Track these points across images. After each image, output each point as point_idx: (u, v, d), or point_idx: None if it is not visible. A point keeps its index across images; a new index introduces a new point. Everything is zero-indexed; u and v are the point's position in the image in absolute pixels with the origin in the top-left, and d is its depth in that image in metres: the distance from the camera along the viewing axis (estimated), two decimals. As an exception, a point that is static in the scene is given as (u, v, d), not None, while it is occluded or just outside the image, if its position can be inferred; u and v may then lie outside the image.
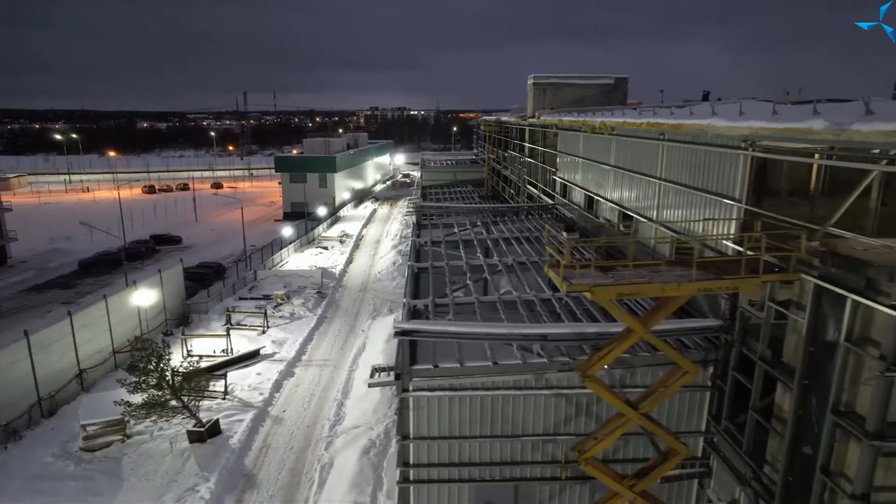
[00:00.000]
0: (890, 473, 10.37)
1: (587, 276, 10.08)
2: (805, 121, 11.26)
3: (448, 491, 15.54)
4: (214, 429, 22.88)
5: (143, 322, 32.42)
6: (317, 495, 19.80)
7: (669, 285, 10.05)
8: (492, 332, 14.40)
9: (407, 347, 14.53)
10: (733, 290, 10.67)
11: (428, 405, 14.82)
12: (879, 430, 9.86)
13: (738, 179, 14.01)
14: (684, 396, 14.92)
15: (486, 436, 15.00)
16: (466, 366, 14.59)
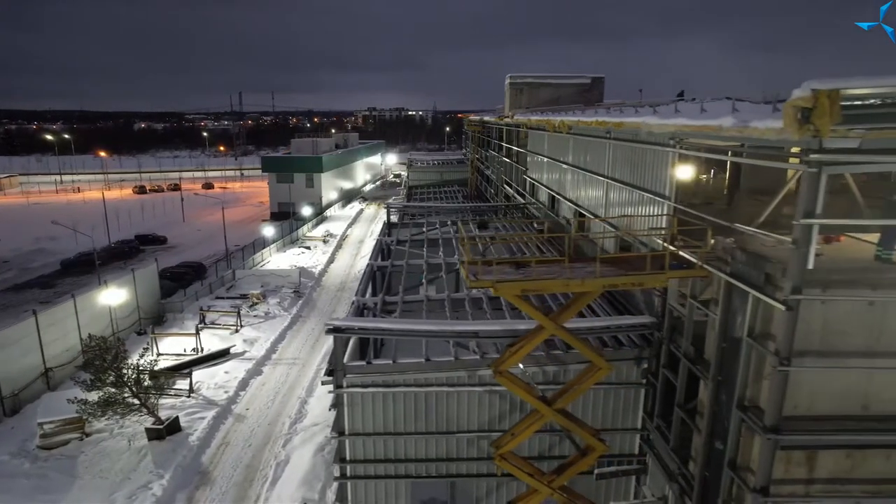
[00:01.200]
0: (791, 467, 10.46)
1: (490, 273, 10.18)
2: (718, 118, 11.40)
3: (385, 487, 15.63)
4: (174, 426, 22.98)
5: (116, 321, 32.54)
6: (269, 492, 19.91)
7: (574, 281, 10.14)
8: (423, 328, 14.50)
9: (339, 344, 14.62)
10: (639, 286, 10.77)
11: (362, 402, 14.92)
12: (776, 424, 9.95)
13: (667, 177, 14.10)
14: (619, 394, 15.01)
15: (422, 432, 15.10)
16: (399, 362, 14.69)
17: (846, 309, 9.72)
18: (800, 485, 10.56)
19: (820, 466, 10.48)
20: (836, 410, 10.21)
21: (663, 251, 10.47)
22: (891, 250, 10.09)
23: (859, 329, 9.82)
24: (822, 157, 8.75)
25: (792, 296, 9.36)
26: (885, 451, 10.37)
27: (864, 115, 8.61)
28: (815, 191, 9.03)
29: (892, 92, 8.61)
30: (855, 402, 10.18)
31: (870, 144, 8.64)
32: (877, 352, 9.90)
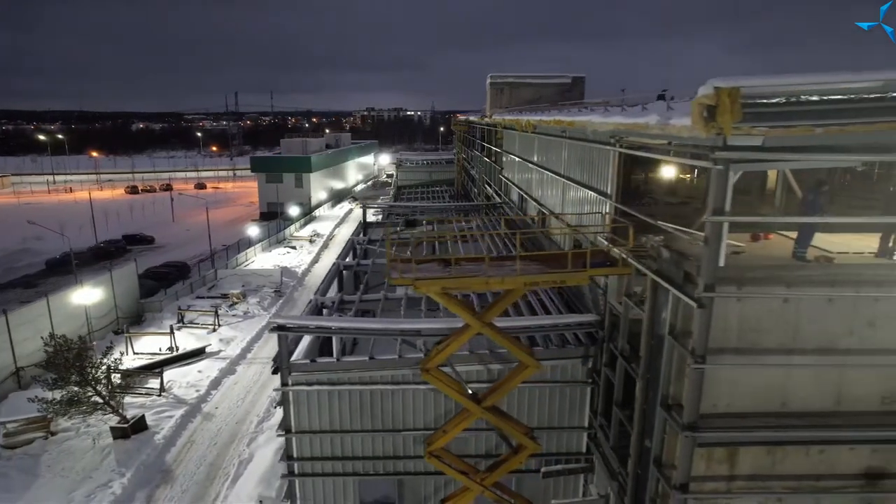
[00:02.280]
0: (712, 464, 10.48)
1: (409, 270, 10.22)
2: (645, 117, 11.45)
3: (333, 484, 15.66)
4: (140, 425, 23.04)
5: (92, 321, 32.62)
6: (229, 489, 19.98)
7: (494, 279, 10.18)
8: (367, 327, 14.54)
9: (284, 342, 14.65)
10: (561, 283, 10.79)
11: (308, 399, 14.95)
12: (693, 421, 9.98)
13: (610, 176, 14.13)
14: (565, 392, 15.04)
15: (368, 430, 15.12)
16: (344, 360, 14.74)
17: (763, 306, 9.74)
18: (721, 481, 10.58)
19: (741, 463, 10.50)
20: (755, 407, 10.23)
21: (584, 249, 10.49)
22: (805, 248, 10.12)
23: (776, 326, 9.84)
24: (727, 155, 8.77)
25: (704, 293, 9.38)
26: (804, 448, 10.39)
27: (768, 113, 8.64)
28: (723, 188, 9.06)
29: (792, 90, 8.67)
30: (774, 399, 10.20)
31: (773, 142, 8.68)
32: (793, 349, 9.92)
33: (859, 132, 8.66)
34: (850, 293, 9.64)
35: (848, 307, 9.76)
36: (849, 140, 8.80)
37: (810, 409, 10.24)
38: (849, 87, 8.73)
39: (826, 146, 9.05)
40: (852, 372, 10.06)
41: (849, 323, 9.83)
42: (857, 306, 9.76)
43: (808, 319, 9.80)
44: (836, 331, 9.85)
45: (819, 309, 9.76)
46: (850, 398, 10.23)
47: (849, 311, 9.78)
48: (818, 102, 8.78)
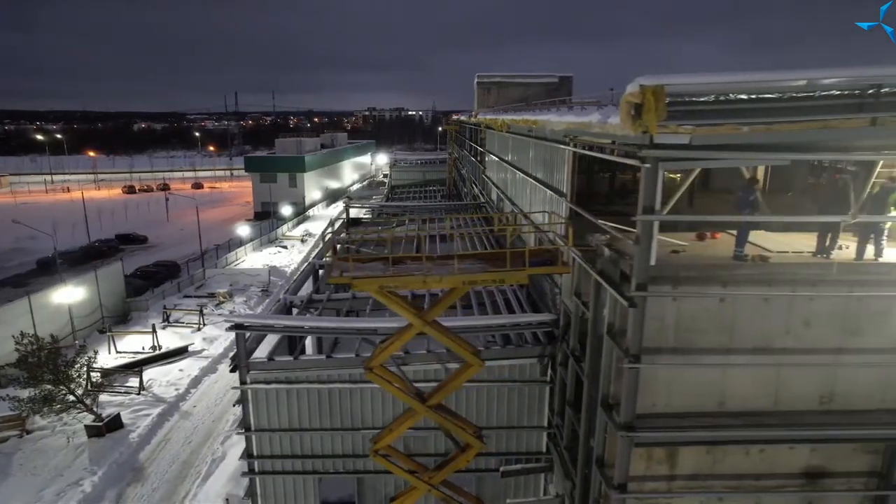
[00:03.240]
0: (652, 464, 10.47)
1: (346, 269, 10.23)
2: (589, 115, 11.45)
3: (293, 482, 15.69)
4: (115, 423, 23.13)
5: (77, 320, 32.76)
6: (199, 488, 20.05)
7: (431, 277, 10.19)
8: (323, 325, 14.57)
9: (242, 341, 14.67)
10: (501, 283, 10.79)
11: (266, 398, 14.98)
12: (629, 421, 9.95)
13: (566, 175, 14.11)
14: (524, 391, 15.03)
15: (327, 429, 15.14)
16: (301, 359, 14.78)
17: (699, 306, 9.72)
18: (662, 481, 10.57)
19: (681, 463, 10.49)
20: (694, 407, 10.21)
21: (522, 248, 10.48)
22: (742, 247, 10.10)
23: (713, 326, 9.82)
24: (654, 153, 8.75)
25: (636, 292, 9.36)
26: (743, 447, 10.38)
27: (695, 111, 8.63)
28: (653, 187, 9.05)
29: (719, 89, 8.67)
30: (712, 398, 10.18)
31: (701, 140, 8.65)
32: (731, 348, 9.90)
33: (785, 131, 8.65)
34: (786, 292, 9.63)
35: (784, 307, 9.74)
36: (777, 138, 8.78)
37: (749, 409, 10.21)
38: (775, 85, 8.75)
39: (759, 145, 9.04)
40: (790, 371, 10.04)
41: (785, 322, 9.81)
42: (792, 306, 9.75)
43: (745, 319, 9.78)
44: (773, 330, 9.84)
45: (755, 308, 9.74)
46: (788, 398, 10.20)
47: (785, 311, 9.77)
48: (745, 101, 8.82)
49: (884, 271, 9.79)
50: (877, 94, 8.60)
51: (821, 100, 8.85)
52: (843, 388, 10.18)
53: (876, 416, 10.23)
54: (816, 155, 10.09)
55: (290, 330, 14.61)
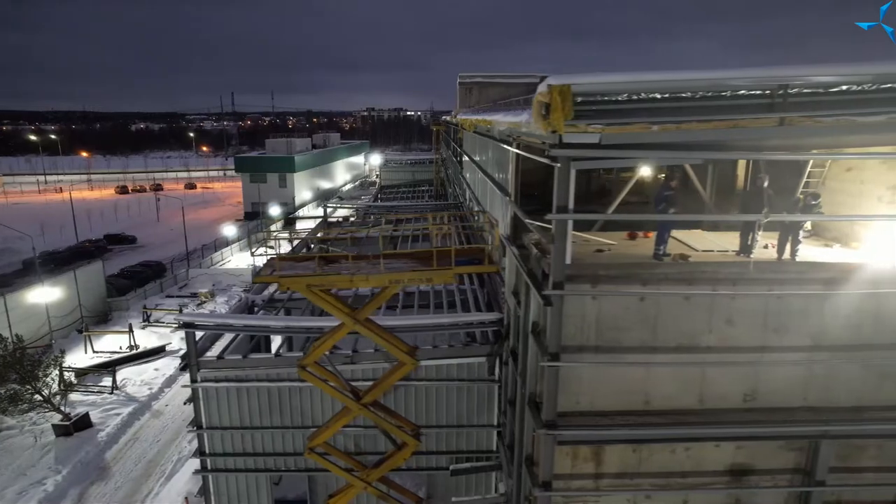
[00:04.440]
0: (579, 462, 10.53)
1: (272, 268, 10.31)
2: (520, 115, 11.52)
3: (246, 480, 15.75)
4: (84, 422, 23.22)
5: (56, 319, 32.84)
6: (162, 486, 20.13)
7: (358, 277, 10.26)
8: (272, 324, 14.67)
9: (192, 339, 14.75)
10: (428, 281, 10.85)
11: (217, 395, 15.05)
12: (551, 419, 10.01)
13: (510, 175, 14.17)
14: (473, 390, 15.07)
15: (277, 427, 15.19)
16: (251, 358, 14.84)
17: (620, 304, 9.78)
18: (589, 479, 10.62)
19: (608, 461, 10.54)
20: (619, 406, 10.26)
21: (449, 248, 10.55)
22: (660, 246, 10.17)
23: (635, 324, 9.87)
24: (563, 153, 8.81)
25: (553, 291, 9.42)
26: (669, 445, 10.42)
27: (604, 110, 8.69)
28: (565, 185, 9.11)
29: (629, 88, 8.71)
30: (637, 397, 10.23)
31: (611, 139, 8.70)
32: (654, 347, 9.95)
33: (696, 130, 8.72)
34: (706, 291, 9.68)
35: (706, 305, 9.80)
36: (689, 137, 8.84)
37: (674, 408, 10.27)
38: (684, 85, 8.80)
39: (673, 143, 9.11)
40: (713, 370, 10.10)
41: (707, 321, 9.87)
42: (714, 304, 9.81)
43: (667, 317, 9.84)
44: (695, 329, 9.89)
45: (677, 307, 9.80)
46: (712, 396, 10.26)
47: (707, 310, 9.82)
48: (654, 100, 8.84)
49: (801, 270, 9.86)
50: (784, 95, 8.67)
51: (732, 99, 8.90)
52: (766, 386, 10.24)
53: (799, 413, 10.29)
54: (730, 155, 10.15)
55: (237, 328, 14.68)
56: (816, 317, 9.90)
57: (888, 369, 10.15)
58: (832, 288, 9.71)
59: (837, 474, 10.60)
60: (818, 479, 10.47)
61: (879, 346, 9.99)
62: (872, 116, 8.68)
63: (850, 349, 10.05)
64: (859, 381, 10.24)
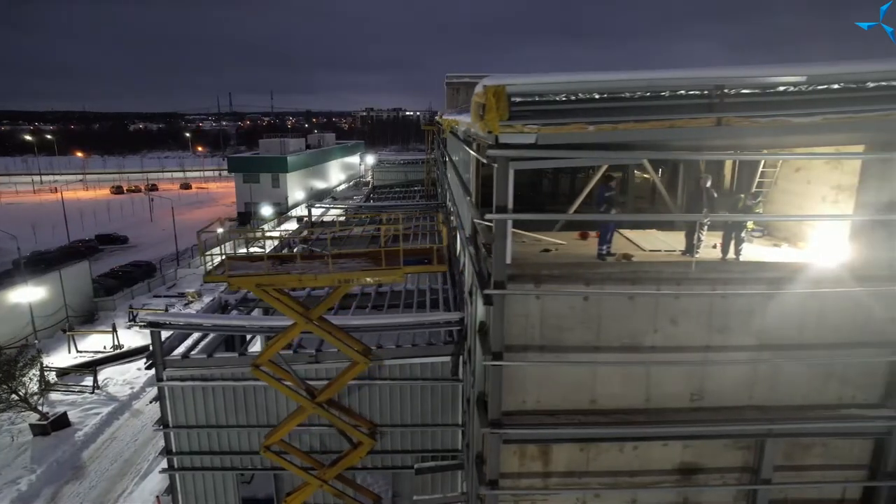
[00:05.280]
0: (526, 461, 10.58)
1: (222, 268, 10.38)
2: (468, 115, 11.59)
3: (213, 478, 15.81)
4: (61, 422, 23.29)
5: (41, 319, 32.91)
6: (136, 485, 20.20)
7: (306, 276, 10.32)
8: (234, 324, 14.73)
9: (157, 338, 14.82)
10: (377, 281, 10.92)
11: (183, 394, 15.12)
12: (496, 418, 10.07)
13: (471, 176, 14.23)
14: (437, 389, 15.14)
15: (243, 425, 15.26)
16: (215, 357, 14.93)
17: (564, 304, 9.84)
18: (537, 478, 10.67)
19: (555, 460, 10.59)
20: (566, 405, 10.32)
21: (396, 248, 10.61)
22: (603, 246, 10.22)
23: (579, 324, 9.93)
24: (500, 153, 8.86)
25: (494, 291, 9.48)
26: (617, 445, 10.48)
27: (540, 111, 8.74)
28: (504, 185, 9.17)
29: (565, 88, 8.76)
30: (583, 396, 10.29)
31: (548, 139, 8.77)
32: (598, 346, 10.01)
33: (633, 130, 8.78)
34: (650, 291, 9.74)
35: (650, 305, 9.86)
36: (627, 137, 8.90)
37: (620, 407, 10.32)
38: (623, 85, 8.85)
39: (612, 144, 9.17)
40: (659, 369, 10.15)
41: (651, 321, 9.93)
42: (658, 304, 9.86)
43: (611, 317, 9.89)
44: (640, 328, 9.95)
45: (621, 307, 9.85)
46: (659, 396, 10.31)
47: (651, 309, 9.88)
48: (593, 100, 8.88)
49: (745, 270, 9.92)
50: (721, 95, 8.73)
51: (671, 99, 8.94)
52: (712, 385, 10.29)
53: (745, 412, 10.35)
54: (668, 154, 10.21)
55: (201, 328, 14.76)
56: (761, 316, 9.97)
57: (832, 368, 10.23)
58: (776, 288, 9.78)
59: (783, 472, 10.67)
60: (764, 478, 10.54)
61: (823, 345, 10.06)
62: (808, 117, 8.74)
63: (795, 348, 10.12)
64: (804, 380, 10.31)
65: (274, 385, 12.08)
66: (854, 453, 10.67)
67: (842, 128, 8.82)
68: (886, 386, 10.29)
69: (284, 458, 12.98)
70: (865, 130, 9.00)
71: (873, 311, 9.80)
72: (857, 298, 9.76)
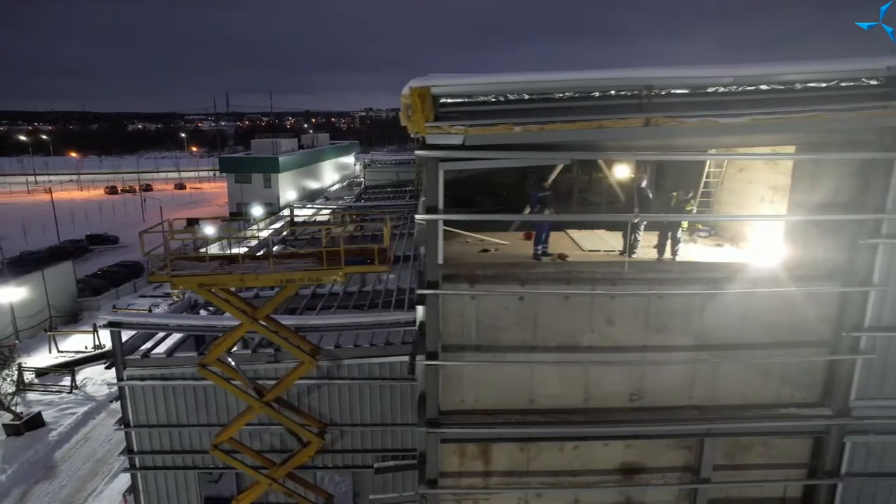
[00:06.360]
0: (467, 460, 10.64)
1: (165, 268, 10.44)
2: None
3: (175, 477, 15.83)
4: (35, 422, 23.33)
5: (23, 319, 32.95)
6: (107, 485, 20.24)
7: (248, 276, 10.37)
8: (196, 324, 14.77)
9: (117, 338, 14.86)
10: (317, 281, 10.96)
11: (144, 394, 15.14)
12: (434, 417, 10.13)
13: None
14: (396, 389, 15.16)
15: (204, 424, 15.27)
16: (176, 356, 14.95)
17: (500, 304, 9.88)
18: (478, 477, 10.73)
19: (496, 460, 10.65)
20: (504, 404, 10.38)
21: (338, 248, 10.65)
22: (538, 246, 10.26)
23: (515, 324, 9.98)
24: (428, 154, 8.91)
25: (427, 290, 9.53)
26: (557, 444, 10.54)
27: (467, 112, 8.79)
28: (434, 186, 9.22)
29: (493, 89, 8.81)
30: (522, 396, 10.35)
31: (476, 140, 8.81)
32: (534, 346, 10.07)
33: (559, 130, 8.82)
34: (584, 291, 9.78)
35: (585, 305, 9.91)
36: (555, 138, 8.94)
37: (559, 406, 10.38)
38: (552, 86, 8.90)
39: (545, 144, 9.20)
40: (597, 369, 10.21)
41: (587, 320, 9.98)
42: (594, 304, 9.91)
43: (547, 317, 9.95)
44: (576, 328, 10.00)
45: (557, 307, 9.91)
46: (598, 395, 10.37)
47: (586, 309, 9.94)
48: (523, 101, 8.93)
49: (682, 270, 9.96)
50: (650, 95, 8.78)
51: (602, 100, 8.98)
52: (652, 385, 10.35)
53: (684, 412, 10.40)
54: (600, 155, 10.25)
55: (160, 328, 14.79)
56: (698, 316, 10.02)
57: (771, 368, 10.28)
58: (713, 288, 9.83)
59: (725, 472, 10.73)
60: (704, 477, 10.59)
61: (761, 345, 10.12)
62: (736, 118, 8.79)
63: (733, 348, 10.17)
64: (743, 379, 10.36)
65: (221, 384, 12.14)
66: (794, 452, 10.73)
67: (771, 128, 8.87)
68: (824, 385, 10.35)
69: (235, 457, 12.99)
70: (795, 131, 9.06)
71: (807, 311, 9.85)
72: (792, 298, 9.81)
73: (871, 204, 9.30)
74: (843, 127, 8.89)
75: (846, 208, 9.48)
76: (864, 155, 9.18)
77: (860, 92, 8.81)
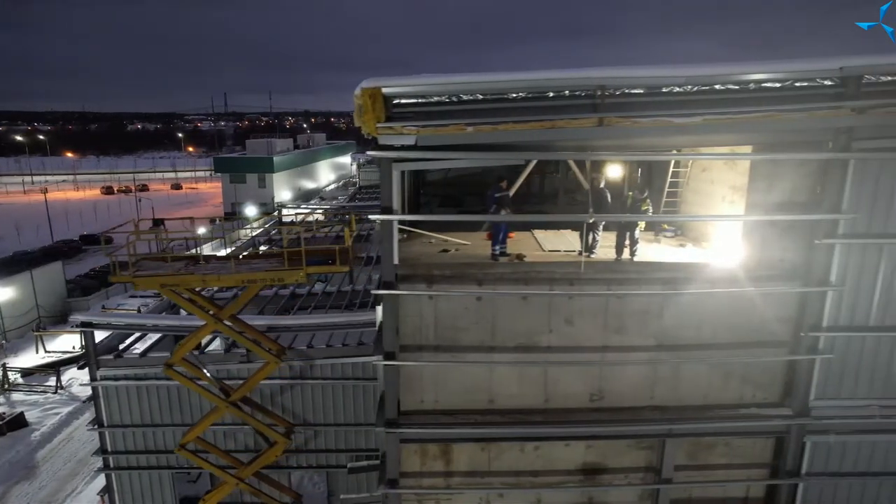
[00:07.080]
0: (428, 460, 10.62)
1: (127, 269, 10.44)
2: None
3: (149, 477, 15.87)
4: (18, 422, 23.36)
5: (11, 319, 32.99)
6: (86, 485, 20.26)
7: (209, 276, 10.38)
8: (169, 324, 14.82)
9: (90, 338, 14.89)
10: (279, 281, 10.96)
11: (118, 394, 15.19)
12: (392, 418, 10.12)
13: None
14: (368, 389, 15.14)
15: (178, 424, 15.30)
16: (149, 356, 15.00)
17: (458, 304, 9.86)
18: (439, 478, 10.71)
19: (456, 460, 10.63)
20: (464, 405, 10.36)
21: (298, 248, 10.66)
22: (496, 246, 10.25)
23: (474, 324, 9.96)
24: (381, 154, 8.90)
25: (383, 290, 9.52)
26: (518, 445, 10.51)
27: (419, 112, 8.78)
28: (388, 187, 9.21)
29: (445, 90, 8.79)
30: (481, 396, 10.33)
31: (428, 141, 8.81)
32: (493, 346, 10.04)
33: (512, 130, 8.81)
34: (541, 291, 9.76)
35: (543, 305, 9.89)
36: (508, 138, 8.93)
37: (519, 407, 10.35)
38: (505, 86, 8.88)
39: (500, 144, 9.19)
40: (557, 370, 10.18)
41: (546, 321, 9.96)
42: (553, 304, 9.89)
43: (505, 317, 9.92)
44: (534, 328, 9.98)
45: (515, 307, 9.88)
46: (558, 396, 10.35)
47: (545, 309, 9.91)
48: (476, 101, 8.91)
49: (641, 270, 9.96)
50: (603, 96, 8.77)
51: (556, 100, 8.96)
52: (612, 385, 10.33)
53: (645, 412, 10.39)
54: (556, 155, 10.24)
55: (133, 328, 14.83)
56: (658, 317, 9.99)
57: (732, 368, 10.26)
58: (671, 288, 9.81)
59: (687, 472, 10.71)
60: (665, 477, 10.57)
61: (721, 345, 10.10)
62: (689, 118, 8.78)
63: (693, 348, 10.15)
64: (704, 379, 10.34)
65: (186, 384, 12.15)
66: (756, 452, 10.72)
67: (724, 128, 8.86)
68: (785, 385, 10.34)
69: (201, 456, 13.00)
70: (749, 131, 9.05)
71: (767, 311, 9.83)
72: (751, 298, 9.79)
73: (827, 204, 9.29)
74: (797, 127, 8.89)
75: (803, 208, 9.47)
76: (820, 155, 9.17)
77: (814, 92, 8.80)
